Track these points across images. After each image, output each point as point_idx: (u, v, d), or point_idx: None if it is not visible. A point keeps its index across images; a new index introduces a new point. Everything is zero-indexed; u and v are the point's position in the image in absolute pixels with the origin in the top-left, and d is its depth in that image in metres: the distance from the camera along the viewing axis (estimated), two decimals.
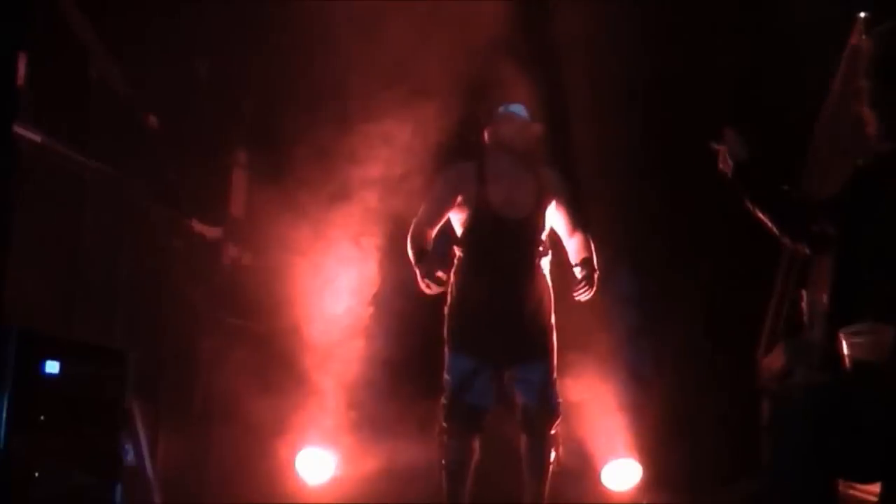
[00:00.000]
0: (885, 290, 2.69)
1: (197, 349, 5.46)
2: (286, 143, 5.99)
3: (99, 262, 4.90)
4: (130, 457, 4.22)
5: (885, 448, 2.43)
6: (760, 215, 3.22)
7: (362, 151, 5.73)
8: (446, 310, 4.81)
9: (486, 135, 5.00)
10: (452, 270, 4.81)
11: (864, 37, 4.63)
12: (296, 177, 5.80)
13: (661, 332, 6.18)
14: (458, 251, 4.82)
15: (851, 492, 3.10)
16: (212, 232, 5.47)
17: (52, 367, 3.34)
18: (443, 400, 4.74)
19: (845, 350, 2.60)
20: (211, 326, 5.53)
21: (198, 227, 5.33)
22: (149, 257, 5.20)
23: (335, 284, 5.75)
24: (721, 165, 3.33)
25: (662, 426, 5.77)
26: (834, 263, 2.94)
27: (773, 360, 4.94)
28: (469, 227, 4.81)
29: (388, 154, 5.64)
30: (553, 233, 4.96)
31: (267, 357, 5.64)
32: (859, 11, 4.86)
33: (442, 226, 4.93)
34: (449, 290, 4.78)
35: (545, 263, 4.85)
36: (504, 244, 4.71)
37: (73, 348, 3.56)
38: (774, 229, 3.21)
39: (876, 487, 2.82)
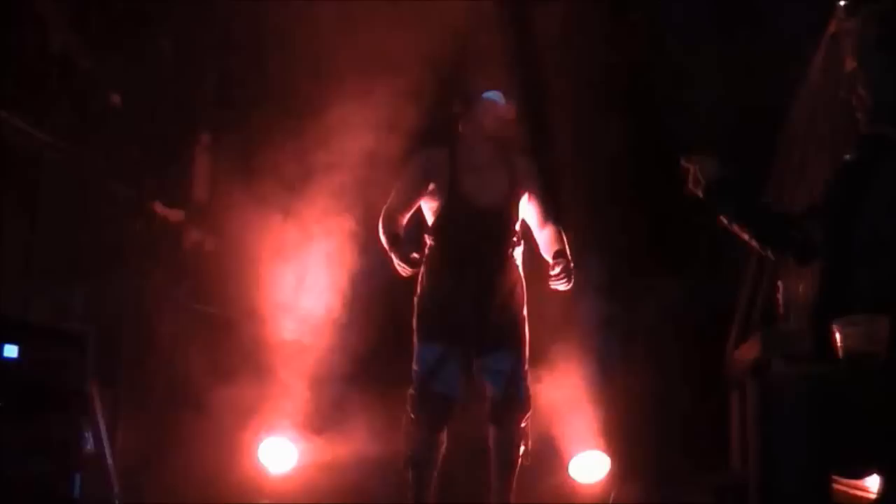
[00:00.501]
0: (878, 281, 2.63)
1: (158, 334, 5.34)
2: (251, 126, 5.91)
3: (57, 242, 4.78)
4: (90, 444, 4.09)
5: (882, 441, 2.37)
6: (738, 231, 3.10)
7: (329, 136, 5.63)
8: (415, 300, 4.70)
9: (461, 121, 4.85)
10: (424, 260, 4.69)
11: (845, 21, 4.58)
12: (260, 160, 5.70)
13: (629, 323, 6.14)
14: (428, 240, 4.71)
15: (841, 487, 3.04)
16: (174, 215, 5.34)
17: (11, 350, 3.23)
18: (410, 391, 4.63)
19: (840, 342, 2.53)
20: (172, 311, 5.40)
21: (160, 209, 5.20)
22: (109, 239, 5.07)
23: (300, 271, 5.66)
24: (690, 186, 3.16)
25: (630, 418, 5.72)
26: (823, 255, 2.87)
27: (747, 351, 4.90)
28: (440, 216, 4.70)
29: (356, 139, 5.54)
30: (524, 223, 4.84)
31: (229, 343, 5.54)
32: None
33: (414, 214, 4.80)
34: (419, 279, 4.69)
35: (518, 254, 4.75)
36: (476, 234, 4.60)
37: (32, 331, 3.44)
38: (755, 244, 3.10)
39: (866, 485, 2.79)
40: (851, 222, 2.76)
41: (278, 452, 5.54)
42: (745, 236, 3.07)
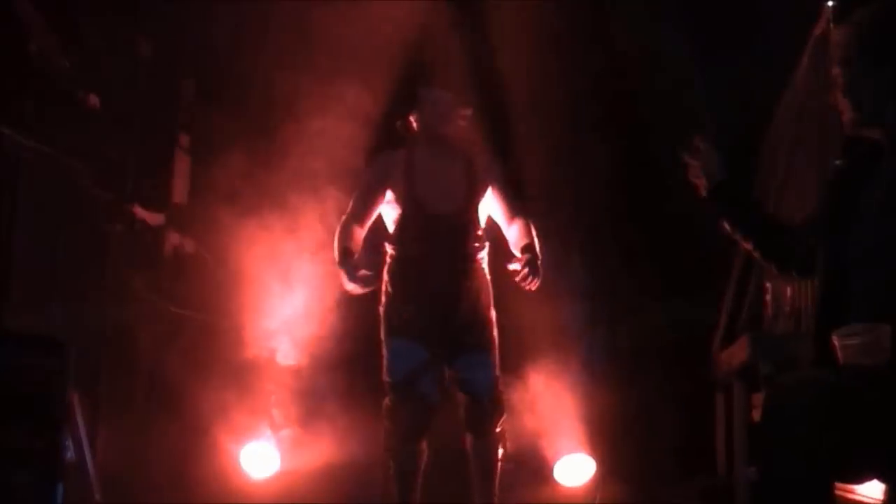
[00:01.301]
0: (876, 290, 2.60)
1: (138, 339, 5.27)
2: (230, 128, 5.85)
3: (35, 246, 4.71)
4: (71, 453, 4.02)
5: (887, 450, 2.35)
6: (741, 240, 3.04)
7: (310, 139, 5.59)
8: (380, 309, 4.59)
9: (412, 122, 4.75)
10: (385, 269, 4.60)
11: (832, 25, 4.56)
12: (240, 163, 5.65)
13: (614, 325, 6.12)
14: (388, 249, 4.61)
15: (849, 496, 3.03)
16: (154, 218, 5.27)
17: None
18: (385, 401, 4.51)
19: (840, 351, 2.51)
20: (152, 315, 5.33)
21: (140, 212, 5.12)
22: (88, 242, 5.00)
23: (280, 275, 5.61)
24: (692, 178, 3.06)
25: (615, 420, 5.69)
26: (819, 264, 2.83)
27: (734, 354, 4.88)
28: (398, 223, 4.59)
29: (337, 142, 5.50)
30: (491, 221, 4.73)
31: (210, 348, 5.48)
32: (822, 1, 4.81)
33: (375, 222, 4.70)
34: (383, 289, 4.58)
35: (483, 256, 4.63)
36: (435, 240, 4.49)
37: (11, 339, 3.37)
38: (756, 255, 3.04)
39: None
40: (847, 227, 2.73)
41: (260, 457, 5.50)
42: (748, 245, 3.01)
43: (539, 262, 4.47)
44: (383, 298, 4.57)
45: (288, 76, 5.75)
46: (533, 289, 4.44)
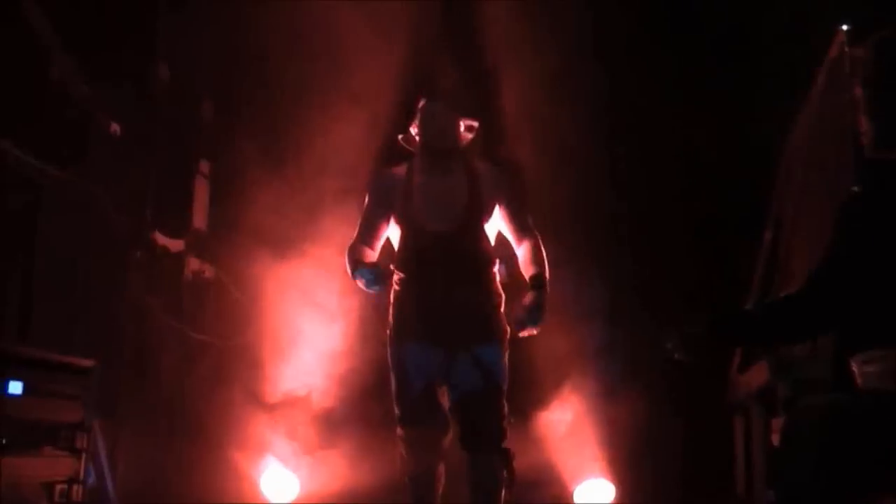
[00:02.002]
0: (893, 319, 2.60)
1: (158, 363, 5.29)
2: (250, 154, 5.88)
3: (57, 272, 4.74)
4: (92, 479, 4.03)
5: None
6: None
7: (326, 162, 5.63)
8: (387, 333, 4.37)
9: (413, 136, 4.46)
10: (391, 293, 4.38)
11: (847, 49, 4.57)
12: (258, 189, 5.69)
13: (632, 349, 6.10)
14: (395, 272, 4.35)
15: None
16: (174, 244, 5.30)
17: (16, 387, 3.18)
18: (398, 431, 4.23)
19: (858, 377, 2.52)
20: (173, 340, 5.35)
21: (160, 238, 5.15)
22: (109, 268, 5.03)
23: (299, 300, 5.63)
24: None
25: (634, 444, 5.68)
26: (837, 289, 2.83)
27: (753, 377, 4.87)
28: (401, 245, 4.35)
29: (353, 163, 5.53)
30: (501, 237, 4.42)
31: (230, 373, 5.49)
32: (834, 25, 4.82)
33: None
34: (389, 312, 4.37)
35: (494, 272, 4.31)
36: (437, 261, 4.21)
37: (35, 366, 3.40)
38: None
39: None
40: (865, 253, 2.74)
41: (279, 482, 5.50)
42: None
43: (543, 300, 4.18)
44: (390, 320, 4.36)
45: (308, 98, 5.79)
46: (534, 333, 4.17)
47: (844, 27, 4.61)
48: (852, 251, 2.77)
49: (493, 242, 4.40)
